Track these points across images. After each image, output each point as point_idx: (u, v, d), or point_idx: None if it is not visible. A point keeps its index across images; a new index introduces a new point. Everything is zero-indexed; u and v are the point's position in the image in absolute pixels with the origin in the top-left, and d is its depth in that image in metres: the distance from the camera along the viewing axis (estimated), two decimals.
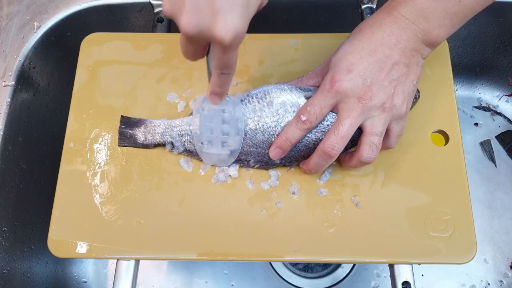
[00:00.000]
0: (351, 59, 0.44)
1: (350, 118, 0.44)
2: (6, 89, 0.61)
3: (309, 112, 0.45)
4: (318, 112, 0.45)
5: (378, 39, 0.44)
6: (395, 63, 0.44)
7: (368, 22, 0.46)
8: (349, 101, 0.44)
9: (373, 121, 0.45)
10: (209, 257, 0.48)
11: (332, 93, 0.44)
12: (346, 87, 0.43)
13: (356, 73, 0.43)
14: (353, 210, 0.49)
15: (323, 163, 0.47)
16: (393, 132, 0.47)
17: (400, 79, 0.44)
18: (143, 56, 0.57)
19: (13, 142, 0.61)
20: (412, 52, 0.45)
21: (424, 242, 0.48)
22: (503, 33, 0.74)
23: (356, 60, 0.44)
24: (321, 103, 0.45)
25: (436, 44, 0.46)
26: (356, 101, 0.44)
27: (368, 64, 0.44)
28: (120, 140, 0.52)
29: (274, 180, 0.50)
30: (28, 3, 0.65)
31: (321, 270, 0.77)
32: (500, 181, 0.81)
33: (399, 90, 0.45)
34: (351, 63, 0.44)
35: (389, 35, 0.44)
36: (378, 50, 0.44)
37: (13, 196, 0.62)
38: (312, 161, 0.47)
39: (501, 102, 0.86)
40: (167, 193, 0.50)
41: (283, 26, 0.72)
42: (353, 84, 0.43)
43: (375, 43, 0.44)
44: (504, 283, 0.75)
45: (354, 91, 0.43)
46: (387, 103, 0.44)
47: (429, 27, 0.44)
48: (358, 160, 0.46)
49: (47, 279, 0.69)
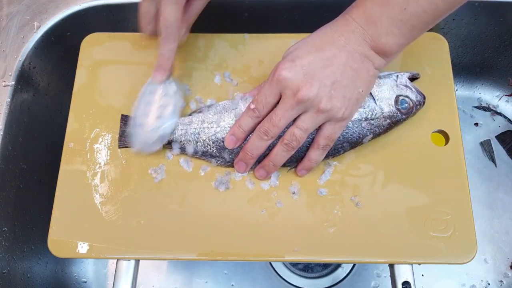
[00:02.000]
0: (298, 52, 0.44)
1: (283, 109, 0.44)
2: (6, 89, 0.61)
3: (257, 101, 0.46)
4: (264, 101, 0.46)
5: (328, 38, 0.45)
6: (341, 64, 0.44)
7: (326, 24, 0.47)
8: (288, 92, 0.44)
9: (304, 116, 0.45)
10: (209, 257, 0.48)
11: (274, 81, 0.44)
12: (287, 77, 0.43)
13: (299, 64, 0.43)
14: (353, 210, 0.49)
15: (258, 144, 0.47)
16: (322, 132, 0.47)
17: (343, 82, 0.44)
18: (143, 56, 0.57)
19: (13, 142, 0.61)
20: (361, 58, 0.44)
21: (424, 242, 0.48)
22: (503, 33, 0.74)
23: (302, 53, 0.44)
24: (266, 92, 0.45)
25: (386, 54, 0.45)
26: (293, 93, 0.44)
27: (313, 58, 0.44)
28: (121, 141, 0.52)
29: (274, 180, 0.51)
30: (28, 3, 0.65)
31: (321, 270, 0.77)
32: (500, 181, 0.81)
33: (339, 93, 0.44)
34: (296, 55, 0.44)
35: (339, 36, 0.44)
36: (326, 48, 0.44)
37: (13, 196, 0.62)
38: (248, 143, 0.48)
39: (501, 102, 0.86)
40: (167, 193, 0.50)
41: (283, 26, 0.72)
42: (294, 75, 0.43)
43: (325, 41, 0.44)
44: (504, 283, 0.75)
45: (293, 82, 0.43)
46: (322, 103, 0.44)
47: (377, 33, 0.44)
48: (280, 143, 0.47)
49: (47, 279, 0.69)
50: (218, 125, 0.50)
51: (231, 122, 0.50)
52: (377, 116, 0.49)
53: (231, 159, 0.50)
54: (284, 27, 0.72)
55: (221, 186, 0.50)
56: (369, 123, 0.49)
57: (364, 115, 0.49)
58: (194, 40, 0.57)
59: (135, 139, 0.50)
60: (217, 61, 0.57)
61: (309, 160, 0.49)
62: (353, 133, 0.49)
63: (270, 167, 0.49)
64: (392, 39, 0.44)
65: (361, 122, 0.49)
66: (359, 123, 0.49)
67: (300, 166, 0.50)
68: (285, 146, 0.47)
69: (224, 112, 0.51)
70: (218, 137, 0.50)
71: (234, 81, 0.55)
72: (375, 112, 0.49)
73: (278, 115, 0.45)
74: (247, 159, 0.49)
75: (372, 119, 0.49)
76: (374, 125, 0.49)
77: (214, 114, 0.51)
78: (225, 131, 0.50)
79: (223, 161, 0.51)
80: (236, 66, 0.56)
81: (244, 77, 0.56)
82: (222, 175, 0.51)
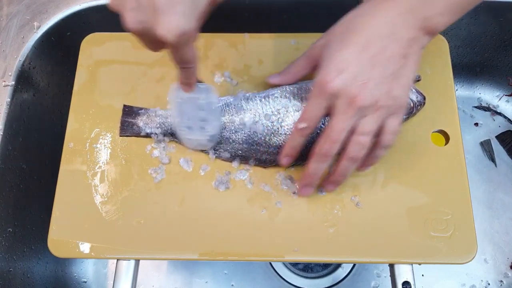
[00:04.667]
0: (343, 55, 0.41)
1: (341, 122, 0.42)
2: (6, 89, 0.61)
3: (306, 120, 0.44)
4: (314, 117, 0.43)
5: (371, 30, 0.41)
6: (390, 56, 0.41)
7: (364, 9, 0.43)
8: (341, 103, 0.41)
9: (364, 120, 0.42)
10: (209, 257, 0.48)
11: (325, 94, 0.41)
12: (337, 89, 0.41)
13: (347, 72, 0.40)
14: (353, 210, 0.49)
15: (321, 166, 0.45)
16: (387, 129, 0.44)
17: (396, 73, 0.41)
18: (143, 56, 0.57)
19: (13, 142, 0.61)
20: (409, 42, 0.41)
21: (424, 242, 0.48)
22: (503, 33, 0.74)
23: (347, 56, 0.41)
24: (316, 107, 0.43)
25: (435, 33, 0.43)
26: (348, 103, 0.41)
27: (361, 60, 0.41)
28: (122, 129, 0.53)
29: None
30: (28, 3, 0.65)
31: (321, 270, 0.77)
32: (500, 181, 0.81)
33: (394, 85, 0.42)
34: (342, 61, 0.41)
35: (385, 24, 0.41)
36: (371, 43, 0.41)
37: (13, 196, 0.62)
38: (310, 167, 0.46)
39: (501, 102, 0.85)
40: (167, 193, 0.50)
41: (283, 26, 0.72)
42: (344, 85, 0.40)
43: (369, 35, 0.41)
44: (504, 283, 0.75)
45: (346, 92, 0.40)
46: (381, 101, 0.41)
47: (430, 14, 0.41)
48: (346, 159, 0.44)
49: (47, 279, 0.69)
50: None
51: (232, 118, 0.50)
52: None
53: (231, 152, 0.51)
54: (284, 27, 0.72)
55: (221, 186, 0.50)
56: None
57: None
58: None
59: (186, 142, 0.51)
60: (217, 61, 0.57)
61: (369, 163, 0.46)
62: None
63: (340, 180, 0.47)
64: (444, 19, 0.42)
65: None
66: None
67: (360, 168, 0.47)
68: (351, 160, 0.44)
69: (225, 107, 0.51)
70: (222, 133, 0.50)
71: (234, 81, 0.55)
72: None
73: (336, 130, 0.42)
74: (312, 183, 0.48)
75: None
76: None
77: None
78: (224, 126, 0.50)
79: (221, 154, 0.51)
80: (236, 66, 0.56)
81: (244, 77, 0.56)
82: (222, 175, 0.51)
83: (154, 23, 0.34)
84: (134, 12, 0.34)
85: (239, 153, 0.50)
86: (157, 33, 0.34)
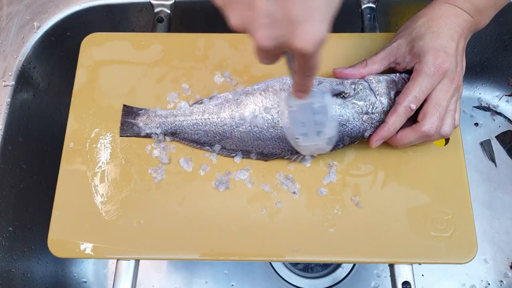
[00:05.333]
0: (442, 43, 0.48)
1: (447, 100, 0.47)
2: (6, 89, 0.61)
3: (419, 99, 0.47)
4: (422, 96, 0.48)
5: (452, 27, 0.48)
6: (460, 48, 0.49)
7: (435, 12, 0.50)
8: (446, 81, 0.47)
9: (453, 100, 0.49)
10: (209, 257, 0.48)
11: (438, 75, 0.47)
12: (448, 68, 0.47)
13: (452, 55, 0.47)
14: (353, 210, 0.49)
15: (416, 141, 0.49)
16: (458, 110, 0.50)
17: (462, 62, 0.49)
18: (143, 56, 0.57)
19: (13, 142, 0.61)
20: (465, 40, 0.50)
21: (425, 242, 0.48)
22: (503, 33, 0.74)
23: (445, 43, 0.48)
24: (427, 87, 0.47)
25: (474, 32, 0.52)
26: (450, 82, 0.47)
27: (453, 47, 0.48)
28: (122, 130, 0.53)
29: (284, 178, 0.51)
30: (28, 3, 0.65)
31: (321, 270, 0.77)
32: (500, 181, 0.81)
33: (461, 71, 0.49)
34: (444, 46, 0.47)
35: (458, 25, 0.49)
36: (455, 36, 0.48)
37: (13, 196, 0.62)
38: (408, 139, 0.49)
39: (501, 102, 0.85)
40: (167, 193, 0.50)
41: None
42: (452, 65, 0.47)
43: (451, 31, 0.48)
44: (504, 283, 0.75)
45: (451, 72, 0.47)
46: (460, 83, 0.49)
47: (481, 19, 0.51)
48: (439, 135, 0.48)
49: (47, 279, 0.69)
50: (219, 116, 0.50)
51: (232, 113, 0.50)
52: (378, 110, 0.49)
53: (232, 147, 0.51)
54: None
55: (221, 186, 0.50)
56: (369, 117, 0.49)
57: (365, 108, 0.49)
58: (194, 40, 0.58)
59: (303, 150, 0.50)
60: (217, 61, 0.57)
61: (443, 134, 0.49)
62: (353, 127, 0.49)
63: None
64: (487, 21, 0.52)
65: (361, 116, 0.49)
66: (359, 116, 0.49)
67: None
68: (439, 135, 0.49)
69: (225, 103, 0.51)
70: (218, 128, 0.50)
71: (234, 81, 0.55)
72: (376, 106, 0.49)
73: (444, 106, 0.47)
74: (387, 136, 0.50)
75: (372, 113, 0.49)
76: (375, 119, 0.49)
77: (215, 105, 0.51)
78: (224, 122, 0.50)
79: (223, 150, 0.51)
80: (236, 66, 0.56)
81: (244, 77, 0.56)
82: (222, 175, 0.51)
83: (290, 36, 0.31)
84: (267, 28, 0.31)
85: (241, 147, 0.50)
86: (295, 45, 0.32)
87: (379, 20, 0.64)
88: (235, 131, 0.50)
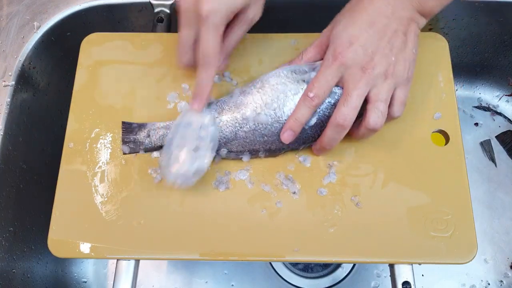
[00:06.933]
0: (352, 31, 0.45)
1: (356, 89, 0.45)
2: (6, 89, 0.61)
3: (316, 88, 0.46)
4: (325, 87, 0.46)
5: (375, 9, 0.46)
6: (393, 31, 0.46)
7: None
8: (354, 72, 0.45)
9: (378, 89, 0.46)
10: (209, 257, 0.48)
11: (336, 65, 0.45)
12: (349, 58, 0.45)
13: (357, 44, 0.45)
14: (353, 210, 0.49)
15: (337, 136, 0.47)
16: (397, 99, 0.47)
17: (400, 46, 0.46)
18: (143, 56, 0.57)
19: (13, 142, 0.61)
20: (408, 21, 0.46)
21: (424, 242, 0.48)
22: (503, 33, 0.74)
23: (356, 31, 0.45)
24: (327, 77, 0.46)
25: (430, 15, 0.48)
26: (360, 72, 0.45)
27: (368, 35, 0.45)
28: (125, 148, 0.51)
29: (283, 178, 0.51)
30: (28, 3, 0.65)
31: (321, 270, 0.77)
32: (500, 181, 0.81)
33: (400, 57, 0.46)
34: (352, 35, 0.45)
35: (386, 5, 0.45)
36: (377, 20, 0.45)
37: (13, 196, 0.62)
38: (325, 136, 0.48)
39: (501, 102, 0.86)
40: (167, 193, 0.50)
41: (283, 26, 0.72)
42: (355, 55, 0.45)
43: (373, 14, 0.46)
44: (504, 283, 0.75)
45: (357, 61, 0.45)
46: (389, 70, 0.45)
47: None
48: (366, 128, 0.47)
49: (47, 279, 0.69)
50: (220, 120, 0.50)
51: (233, 115, 0.49)
52: None
53: (238, 149, 0.50)
54: (284, 27, 0.72)
55: (221, 186, 0.50)
56: None
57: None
58: None
59: (169, 173, 0.47)
60: None
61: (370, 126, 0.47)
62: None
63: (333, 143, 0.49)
64: (438, 1, 0.47)
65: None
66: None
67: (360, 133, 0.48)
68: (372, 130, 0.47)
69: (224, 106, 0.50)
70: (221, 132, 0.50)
71: (234, 81, 0.55)
72: None
73: (353, 95, 0.45)
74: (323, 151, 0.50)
75: None
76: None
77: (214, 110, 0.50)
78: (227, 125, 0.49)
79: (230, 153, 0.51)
80: (236, 66, 0.56)
81: (244, 77, 0.56)
82: (222, 175, 0.51)
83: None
84: None
85: (247, 147, 0.50)
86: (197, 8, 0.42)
87: None
88: (239, 132, 0.50)
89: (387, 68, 0.45)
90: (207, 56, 0.45)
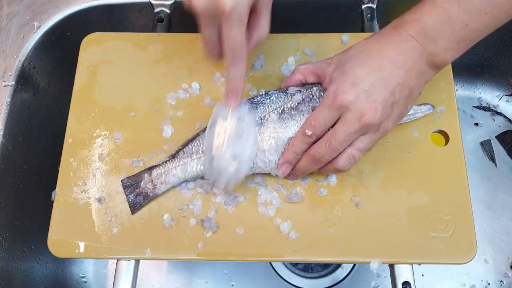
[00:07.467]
0: (358, 72, 0.43)
1: (346, 134, 0.43)
2: (6, 89, 0.61)
3: (314, 127, 0.45)
4: (322, 126, 0.44)
5: (386, 56, 0.43)
6: (400, 83, 0.43)
7: (376, 37, 0.45)
8: (350, 116, 0.43)
9: (363, 137, 0.44)
10: (209, 257, 0.48)
11: (335, 106, 0.43)
12: (350, 102, 0.42)
13: (361, 88, 0.42)
14: (353, 210, 0.49)
15: (311, 167, 0.47)
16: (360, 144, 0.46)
17: (400, 101, 0.44)
18: (143, 56, 0.57)
19: (13, 142, 0.61)
20: (417, 75, 0.44)
21: (424, 242, 0.48)
22: (503, 33, 0.74)
23: (362, 74, 0.43)
24: (325, 117, 0.44)
25: (440, 68, 0.45)
26: (357, 118, 0.43)
27: (374, 80, 0.43)
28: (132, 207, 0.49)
29: None
30: (28, 3, 0.65)
31: (321, 270, 0.77)
32: (500, 181, 0.81)
33: (395, 113, 0.44)
34: (357, 77, 0.43)
35: (397, 54, 0.43)
36: (386, 67, 0.43)
37: (13, 196, 0.62)
38: (301, 164, 0.47)
39: (501, 102, 0.85)
40: (167, 193, 0.50)
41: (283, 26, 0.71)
42: (357, 100, 0.42)
43: (383, 60, 0.43)
44: (504, 283, 0.75)
45: (357, 107, 0.42)
46: (383, 125, 0.44)
47: (436, 50, 0.43)
48: (333, 167, 0.46)
49: (47, 279, 0.69)
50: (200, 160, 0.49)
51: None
52: None
53: None
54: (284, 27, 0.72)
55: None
56: None
57: None
58: (194, 40, 0.57)
59: (217, 175, 0.46)
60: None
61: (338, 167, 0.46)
62: None
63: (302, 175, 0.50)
64: (450, 55, 0.44)
65: None
66: None
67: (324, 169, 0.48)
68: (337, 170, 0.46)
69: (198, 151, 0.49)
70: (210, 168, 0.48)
71: None
72: None
73: (339, 139, 0.43)
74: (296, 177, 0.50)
75: None
76: None
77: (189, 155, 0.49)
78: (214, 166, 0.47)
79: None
80: None
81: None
82: None
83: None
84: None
85: None
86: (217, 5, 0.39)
87: (379, 20, 0.64)
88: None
89: (382, 122, 0.44)
90: (236, 50, 0.43)
